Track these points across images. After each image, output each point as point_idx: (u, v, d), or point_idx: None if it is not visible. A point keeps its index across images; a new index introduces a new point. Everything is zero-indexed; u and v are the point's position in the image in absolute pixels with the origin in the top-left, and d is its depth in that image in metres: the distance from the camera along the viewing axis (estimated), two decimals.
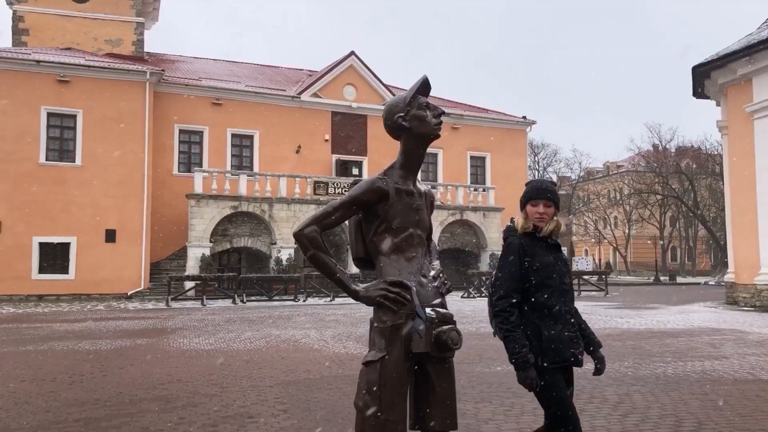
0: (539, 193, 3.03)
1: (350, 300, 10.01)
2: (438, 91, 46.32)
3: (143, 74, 24.73)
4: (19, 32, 27.72)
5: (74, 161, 23.87)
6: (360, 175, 29.01)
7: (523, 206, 3.06)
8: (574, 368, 3.05)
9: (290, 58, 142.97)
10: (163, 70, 26.10)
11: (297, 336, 11.22)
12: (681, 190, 48.39)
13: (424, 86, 2.61)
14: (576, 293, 24.75)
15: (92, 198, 23.67)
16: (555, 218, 3.05)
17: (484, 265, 28.59)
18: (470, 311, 16.55)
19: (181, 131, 27.15)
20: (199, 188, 24.30)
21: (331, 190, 26.55)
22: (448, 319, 2.39)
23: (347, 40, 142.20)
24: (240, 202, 24.79)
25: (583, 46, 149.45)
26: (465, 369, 7.26)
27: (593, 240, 62.26)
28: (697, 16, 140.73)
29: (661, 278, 44.27)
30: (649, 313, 15.83)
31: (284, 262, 24.62)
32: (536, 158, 56.14)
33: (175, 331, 12.44)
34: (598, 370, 3.11)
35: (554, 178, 60.46)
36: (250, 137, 28.44)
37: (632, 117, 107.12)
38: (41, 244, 23.06)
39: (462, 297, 23.30)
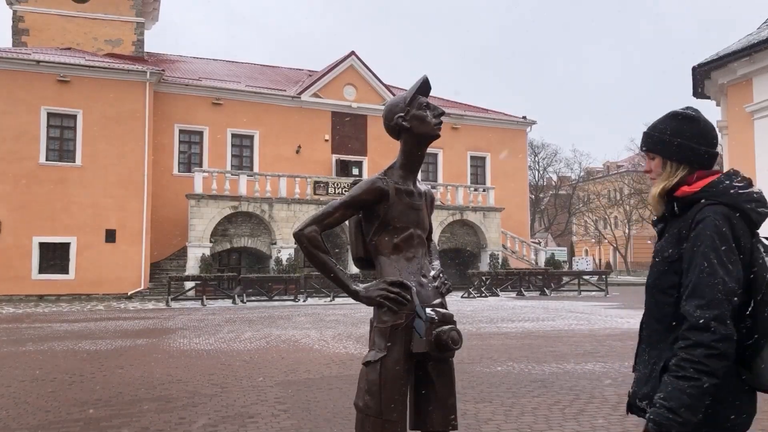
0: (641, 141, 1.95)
1: (350, 300, 10.01)
2: (438, 91, 46.34)
3: (143, 74, 24.73)
4: (19, 32, 27.72)
5: (74, 161, 23.88)
6: (360, 175, 29.02)
7: None
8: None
9: (290, 57, 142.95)
10: (163, 70, 26.10)
11: (297, 336, 11.22)
12: None
13: (424, 86, 2.60)
14: (576, 293, 24.97)
15: (92, 198, 23.67)
16: (669, 174, 1.85)
17: (484, 265, 28.59)
18: (470, 311, 16.55)
19: (181, 131, 27.16)
20: (199, 188, 24.30)
21: (331, 190, 26.55)
22: (449, 319, 2.39)
23: (346, 39, 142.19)
24: (240, 202, 24.79)
25: (583, 46, 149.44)
26: (465, 369, 7.26)
27: (593, 240, 62.26)
28: (698, 16, 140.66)
29: None
30: None
31: (284, 262, 24.61)
32: (536, 158, 56.16)
33: (175, 331, 12.44)
34: None
35: (554, 178, 60.53)
36: (250, 137, 28.44)
37: (632, 117, 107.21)
38: (41, 244, 23.06)
39: (462, 297, 23.29)
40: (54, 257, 23.25)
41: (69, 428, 4.99)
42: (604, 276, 29.12)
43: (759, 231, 1.81)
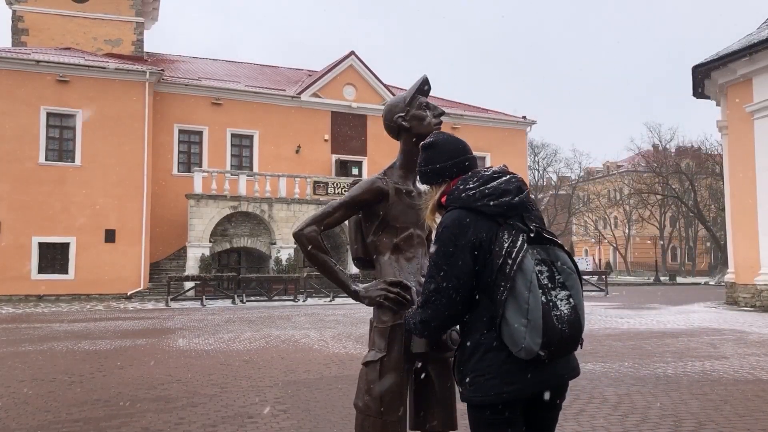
0: None
1: (350, 300, 10.01)
2: (438, 90, 46.34)
3: (143, 74, 24.73)
4: (18, 32, 27.70)
5: (74, 161, 23.87)
6: (360, 175, 29.01)
7: None
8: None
9: (290, 57, 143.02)
10: (162, 70, 26.09)
11: (297, 336, 11.22)
12: (681, 190, 48.38)
13: (423, 86, 2.60)
14: None
15: (92, 198, 23.66)
16: (433, 194, 2.20)
17: None
18: None
19: (180, 131, 27.15)
20: (198, 188, 24.29)
21: (331, 190, 26.54)
22: None
23: (346, 39, 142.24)
24: (240, 202, 24.78)
25: (583, 46, 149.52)
26: None
27: (593, 240, 62.27)
28: (699, 16, 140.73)
29: (661, 278, 44.26)
30: (649, 313, 15.82)
31: (284, 262, 24.61)
32: (536, 158, 56.16)
33: (174, 331, 12.44)
34: None
35: (554, 178, 60.58)
36: (250, 137, 28.43)
37: (632, 117, 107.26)
38: (41, 244, 23.05)
39: None
40: (53, 257, 23.24)
41: (69, 428, 4.99)
42: (603, 276, 29.14)
43: (518, 216, 1.97)
